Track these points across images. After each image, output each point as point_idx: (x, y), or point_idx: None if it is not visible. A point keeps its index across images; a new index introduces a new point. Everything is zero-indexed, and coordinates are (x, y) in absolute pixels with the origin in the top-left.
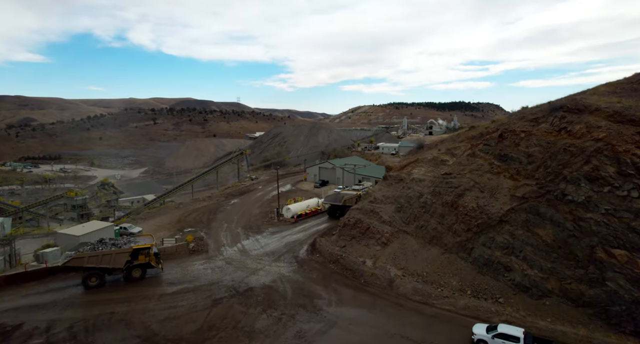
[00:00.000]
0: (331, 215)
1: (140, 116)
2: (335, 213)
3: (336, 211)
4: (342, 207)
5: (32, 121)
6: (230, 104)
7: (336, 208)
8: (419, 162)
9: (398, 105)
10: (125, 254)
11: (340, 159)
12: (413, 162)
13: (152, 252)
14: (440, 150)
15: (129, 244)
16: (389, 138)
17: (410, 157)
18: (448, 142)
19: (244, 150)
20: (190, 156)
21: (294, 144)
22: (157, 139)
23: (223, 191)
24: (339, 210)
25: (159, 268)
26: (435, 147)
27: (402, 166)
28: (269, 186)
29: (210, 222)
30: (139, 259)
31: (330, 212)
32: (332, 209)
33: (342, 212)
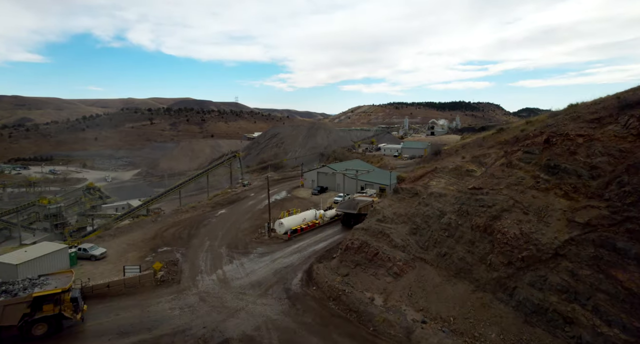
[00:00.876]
0: (345, 224)
1: (137, 116)
2: (350, 222)
3: (350, 220)
4: (358, 216)
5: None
6: (229, 104)
7: (350, 217)
8: (438, 172)
9: (398, 105)
10: (20, 306)
11: (340, 163)
12: (430, 172)
13: (66, 297)
14: (464, 158)
15: (30, 290)
16: (391, 139)
17: (426, 165)
18: (472, 147)
19: (237, 152)
20: (184, 157)
21: (292, 145)
22: (154, 140)
23: (212, 198)
24: (354, 218)
25: (77, 318)
26: (456, 154)
27: (416, 176)
28: (263, 193)
29: (190, 239)
30: (44, 310)
31: (344, 221)
32: (346, 218)
33: (357, 221)
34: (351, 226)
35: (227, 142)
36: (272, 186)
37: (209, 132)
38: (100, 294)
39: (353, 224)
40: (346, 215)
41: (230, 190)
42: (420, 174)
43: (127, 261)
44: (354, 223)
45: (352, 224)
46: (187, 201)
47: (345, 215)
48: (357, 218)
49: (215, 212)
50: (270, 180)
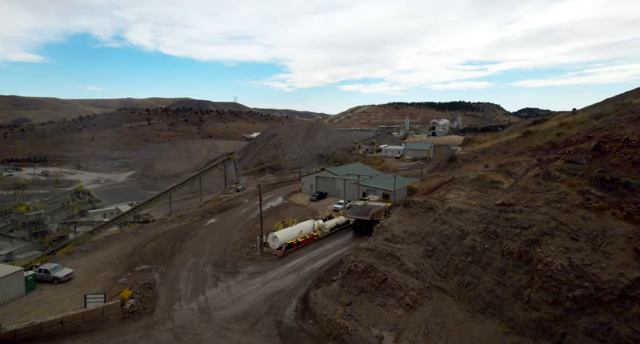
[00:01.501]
0: (357, 231)
1: (135, 116)
2: (362, 228)
3: (362, 226)
4: (370, 222)
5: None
6: (228, 104)
7: (362, 223)
8: (457, 183)
9: (398, 105)
10: None
11: (340, 167)
12: (447, 182)
13: None
14: (487, 166)
15: None
16: (392, 140)
17: (441, 174)
18: (495, 154)
19: (232, 155)
20: (180, 159)
21: (290, 146)
22: (151, 140)
23: (202, 205)
24: (366, 225)
25: None
26: (475, 161)
27: (430, 187)
28: (257, 199)
29: (173, 255)
30: None
31: (356, 228)
32: (358, 224)
33: (369, 228)
34: (363, 232)
35: (224, 143)
36: (268, 191)
37: (207, 133)
38: (51, 334)
39: (365, 231)
40: (358, 221)
41: (223, 196)
42: (434, 185)
43: (95, 284)
44: (366, 230)
45: (364, 231)
46: (180, 205)
47: (357, 221)
48: (370, 225)
49: (204, 221)
50: (266, 185)
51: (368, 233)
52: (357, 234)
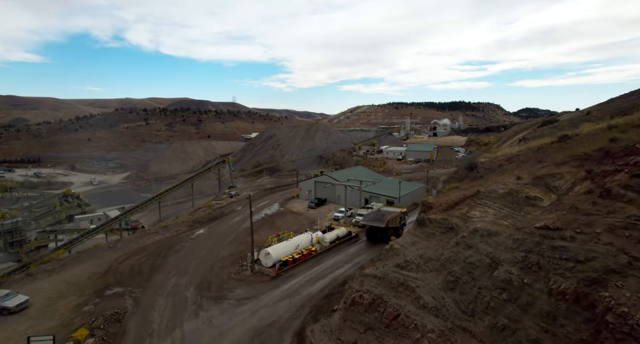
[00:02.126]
0: (371, 238)
1: (132, 116)
2: (376, 235)
3: (377, 233)
4: (385, 230)
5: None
6: (227, 104)
7: (377, 230)
8: (482, 198)
9: (398, 105)
10: None
11: (341, 171)
12: (470, 197)
13: None
14: (520, 178)
15: None
16: (393, 140)
17: (462, 186)
18: (527, 162)
19: (226, 157)
20: (176, 160)
21: (289, 147)
22: (149, 140)
23: (192, 212)
24: (381, 232)
25: None
26: (502, 171)
27: (449, 202)
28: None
29: (152, 275)
30: None
31: (370, 235)
32: (372, 231)
33: (384, 235)
34: (377, 240)
35: (222, 143)
36: (264, 196)
37: (205, 133)
38: None
39: (380, 238)
40: (372, 228)
41: (215, 202)
42: (455, 200)
43: (54, 315)
44: (381, 237)
45: (378, 238)
46: (173, 209)
47: (371, 228)
48: (385, 232)
49: (191, 232)
50: (261, 189)
51: (384, 241)
52: (371, 241)
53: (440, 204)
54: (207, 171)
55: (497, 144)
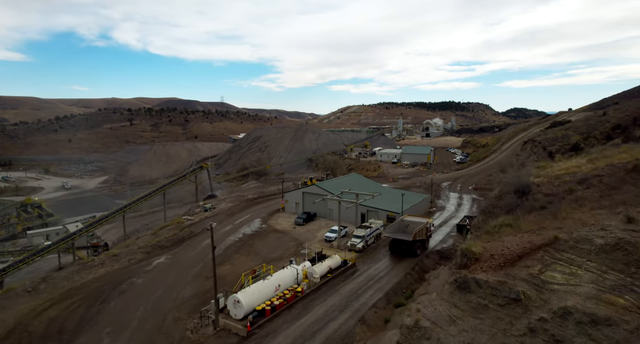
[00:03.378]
0: (394, 251)
1: (116, 116)
2: (401, 248)
3: (401, 246)
4: (412, 243)
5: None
6: (215, 104)
7: (402, 243)
8: (564, 250)
9: (388, 105)
10: None
11: (333, 181)
12: (543, 246)
13: None
14: (632, 220)
15: None
16: (386, 142)
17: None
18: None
19: (204, 163)
20: (158, 163)
21: (277, 149)
22: (133, 141)
23: (156, 232)
24: (406, 245)
25: None
26: (583, 201)
27: (509, 255)
28: (231, 222)
29: (78, 334)
30: None
31: (394, 248)
32: (396, 244)
33: (409, 248)
34: (403, 253)
35: (207, 145)
36: (244, 209)
37: (192, 134)
38: None
39: (406, 251)
40: (396, 241)
41: (186, 217)
42: (516, 250)
43: None
44: (406, 250)
45: (404, 251)
46: (146, 220)
47: (395, 241)
48: (411, 246)
49: (148, 262)
50: (242, 200)
51: (410, 255)
52: (395, 255)
53: (493, 256)
54: (182, 179)
55: (497, 146)
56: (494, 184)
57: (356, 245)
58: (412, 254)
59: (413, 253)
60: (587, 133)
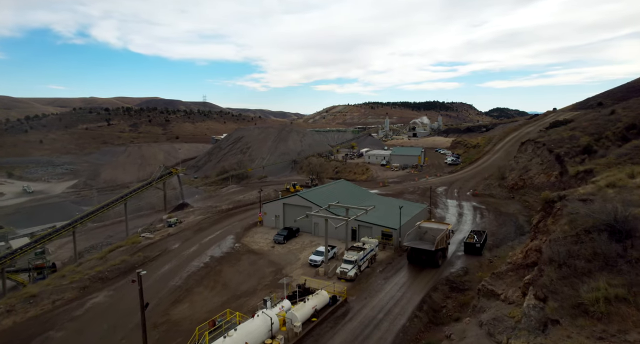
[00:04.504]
0: (413, 262)
1: (92, 116)
2: (420, 259)
3: (421, 256)
4: (433, 253)
5: None
6: (198, 104)
7: (421, 253)
8: None
9: (373, 105)
10: None
11: (319, 189)
12: None
13: None
14: None
15: None
16: (373, 142)
17: None
18: None
19: (174, 168)
20: (132, 166)
21: (259, 150)
22: (110, 142)
23: (105, 256)
24: (425, 255)
25: None
26: None
27: None
28: (198, 240)
29: None
30: None
31: (412, 258)
32: (415, 254)
33: (430, 258)
34: (423, 264)
35: (186, 146)
36: (216, 223)
37: (173, 134)
38: None
39: (426, 261)
40: (415, 251)
41: (144, 236)
42: None
43: None
44: (427, 261)
45: (424, 262)
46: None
47: (414, 251)
48: (433, 255)
49: (81, 302)
50: (214, 212)
51: (431, 265)
52: (414, 266)
53: None
54: (147, 187)
55: (489, 146)
56: (493, 189)
57: (347, 272)
58: (434, 265)
59: (434, 264)
60: (597, 134)
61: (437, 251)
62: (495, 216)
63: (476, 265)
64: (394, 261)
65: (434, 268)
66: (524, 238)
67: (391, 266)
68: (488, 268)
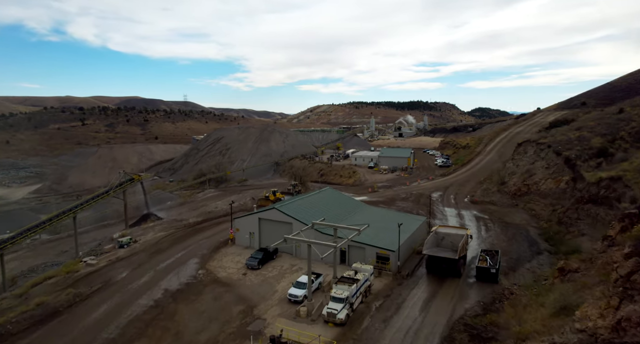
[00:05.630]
0: (432, 271)
1: (66, 116)
2: (440, 267)
3: (441, 265)
4: (455, 261)
5: None
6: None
7: (441, 261)
8: None
9: (358, 104)
10: None
11: (301, 201)
12: None
13: None
14: None
15: None
16: (359, 143)
17: None
18: None
19: (137, 174)
20: (102, 169)
21: (239, 152)
22: (85, 143)
23: (27, 292)
24: (446, 263)
25: None
26: None
27: None
28: (153, 266)
29: None
30: None
31: (431, 267)
32: (435, 263)
33: (452, 268)
34: (444, 274)
35: (162, 147)
36: (179, 241)
37: (152, 134)
38: None
39: (446, 270)
40: (434, 259)
41: (86, 260)
42: None
43: None
44: (447, 270)
45: (444, 271)
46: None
47: (433, 259)
48: (454, 264)
49: None
50: (180, 227)
51: (452, 275)
52: (434, 275)
53: None
54: (104, 197)
55: (480, 147)
56: (493, 195)
57: (336, 315)
58: (455, 274)
59: (456, 273)
60: (609, 134)
61: (460, 259)
62: (502, 228)
63: (494, 297)
64: (393, 293)
65: (456, 277)
66: (543, 258)
67: (390, 299)
68: (511, 303)
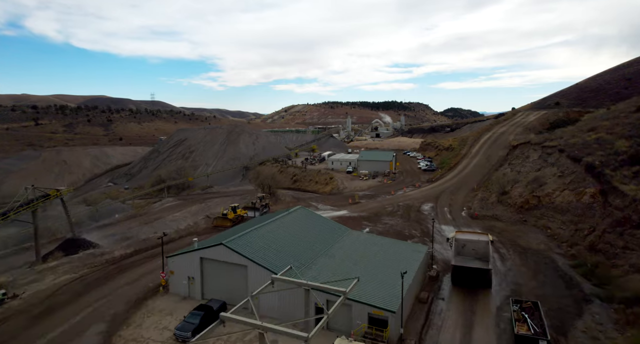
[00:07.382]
0: (459, 283)
1: (16, 115)
2: (467, 278)
3: (468, 276)
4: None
5: None
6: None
7: (468, 272)
8: None
9: (333, 104)
10: None
11: (262, 230)
12: None
13: None
14: None
15: None
16: (336, 144)
17: None
18: None
19: (55, 189)
20: (47, 174)
21: (204, 155)
22: (39, 145)
23: None
24: (474, 274)
25: None
26: None
27: None
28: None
29: None
30: None
31: (457, 279)
32: (462, 274)
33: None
34: (472, 285)
35: (120, 150)
36: (87, 291)
37: (116, 135)
38: None
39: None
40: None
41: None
42: None
43: None
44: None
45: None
46: None
47: (460, 270)
48: (485, 274)
49: None
50: (100, 264)
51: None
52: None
53: None
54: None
55: (465, 149)
56: (494, 208)
57: None
58: (486, 284)
59: (487, 283)
60: (637, 136)
61: (489, 270)
62: (519, 255)
63: None
64: None
65: (487, 288)
66: (596, 309)
67: None
68: None
